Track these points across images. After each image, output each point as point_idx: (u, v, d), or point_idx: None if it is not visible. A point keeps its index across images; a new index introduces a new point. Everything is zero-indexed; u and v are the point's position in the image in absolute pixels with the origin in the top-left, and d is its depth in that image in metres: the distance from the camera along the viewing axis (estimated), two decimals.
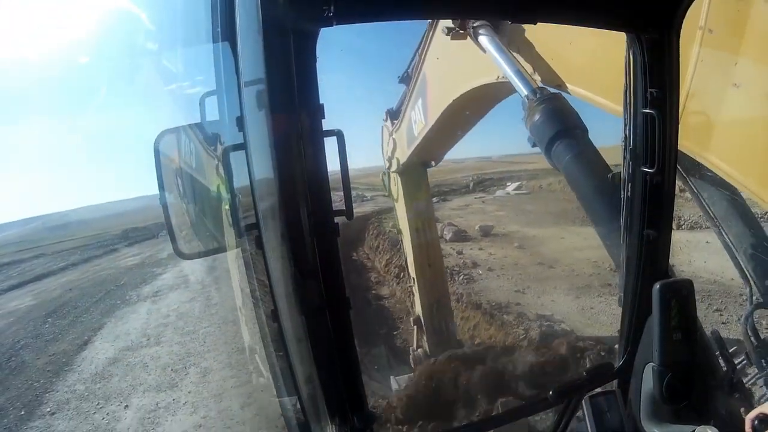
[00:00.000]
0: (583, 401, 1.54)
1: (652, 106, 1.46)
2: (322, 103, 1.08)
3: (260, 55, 1.01)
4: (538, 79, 2.69)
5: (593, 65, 2.44)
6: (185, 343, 8.58)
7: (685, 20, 1.41)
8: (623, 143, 1.59)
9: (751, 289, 2.27)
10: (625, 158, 1.58)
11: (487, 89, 3.39)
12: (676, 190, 1.63)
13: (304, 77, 1.04)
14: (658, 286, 1.46)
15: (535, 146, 2.44)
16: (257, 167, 1.15)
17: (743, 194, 2.38)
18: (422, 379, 4.98)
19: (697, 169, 2.34)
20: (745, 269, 2.29)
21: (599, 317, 7.58)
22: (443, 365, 5.01)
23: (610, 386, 1.65)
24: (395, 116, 5.15)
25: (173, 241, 1.37)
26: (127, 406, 6.55)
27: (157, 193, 1.36)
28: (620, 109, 1.59)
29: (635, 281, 1.62)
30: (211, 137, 1.38)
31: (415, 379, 5.12)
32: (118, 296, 12.88)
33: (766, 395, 2.11)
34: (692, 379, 1.50)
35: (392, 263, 11.68)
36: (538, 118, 2.35)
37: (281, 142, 1.05)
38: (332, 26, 1.04)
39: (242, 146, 1.14)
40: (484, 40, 2.90)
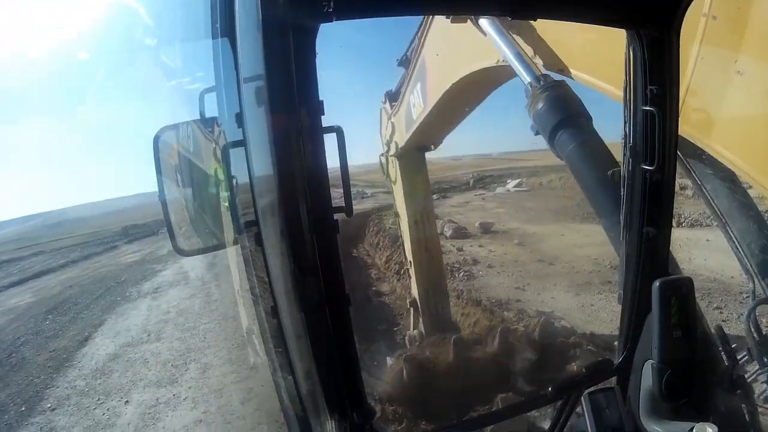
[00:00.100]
0: (582, 398, 1.55)
1: (652, 103, 1.46)
2: (321, 99, 1.08)
3: (260, 51, 1.01)
4: (539, 62, 2.63)
5: (598, 50, 2.36)
6: (185, 339, 8.59)
7: (689, 8, 1.41)
8: (623, 140, 1.59)
9: (754, 284, 2.26)
10: (624, 155, 1.58)
11: (486, 73, 3.36)
12: (676, 187, 1.63)
13: (303, 73, 1.04)
14: (657, 283, 1.46)
15: (537, 134, 2.40)
16: (257, 164, 1.15)
17: (748, 189, 2.36)
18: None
19: (701, 163, 2.32)
20: (748, 265, 2.28)
21: (599, 314, 7.59)
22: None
23: (609, 383, 1.65)
24: (394, 98, 5.10)
25: (172, 238, 1.37)
26: (127, 401, 6.56)
27: (156, 190, 1.36)
28: None
29: (635, 278, 1.62)
30: (210, 134, 1.38)
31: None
32: (118, 293, 12.88)
33: (766, 391, 2.12)
34: (692, 376, 1.50)
35: (392, 260, 11.67)
36: (541, 106, 2.32)
37: (281, 138, 1.05)
38: (332, 22, 1.04)
39: (241, 143, 1.14)
40: (484, 23, 2.86)
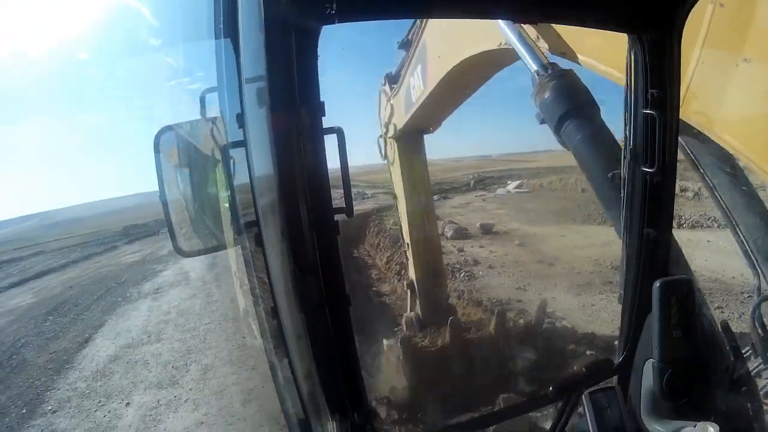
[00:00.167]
0: (583, 397, 1.55)
1: (652, 106, 1.47)
2: (322, 100, 1.08)
3: (261, 52, 1.02)
4: (543, 46, 2.55)
5: (606, 33, 2.32)
6: (186, 340, 8.57)
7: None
8: (623, 143, 1.60)
9: (759, 281, 2.25)
10: (625, 158, 1.59)
11: (488, 56, 3.29)
12: (677, 189, 1.63)
13: (305, 75, 1.05)
14: (658, 283, 1.46)
15: (543, 123, 2.34)
16: (257, 164, 1.15)
17: (755, 185, 2.34)
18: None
19: (707, 158, 2.29)
20: (754, 260, 2.26)
21: (600, 314, 7.60)
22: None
23: (609, 383, 1.65)
24: (393, 81, 5.05)
25: (173, 238, 1.38)
26: (128, 403, 6.55)
27: (156, 189, 1.36)
28: None
29: (635, 279, 1.63)
30: (211, 134, 1.38)
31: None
32: (118, 293, 12.85)
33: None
34: (692, 375, 1.51)
35: (393, 260, 11.66)
36: (548, 95, 2.26)
37: (281, 139, 1.06)
38: (334, 24, 1.05)
39: (242, 143, 1.15)
40: None
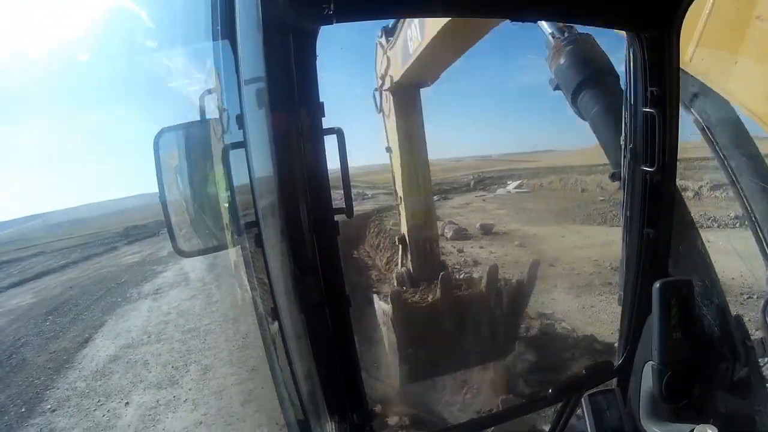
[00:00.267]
0: (582, 399, 1.55)
1: (652, 105, 1.47)
2: (322, 101, 1.08)
3: (260, 53, 1.02)
4: None
5: None
6: (186, 340, 8.55)
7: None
8: (623, 142, 1.60)
9: None
10: (625, 157, 1.59)
11: None
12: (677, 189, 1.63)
13: (304, 75, 1.05)
14: (658, 284, 1.46)
15: (557, 89, 2.20)
16: (257, 165, 1.15)
17: None
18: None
19: (725, 146, 2.18)
20: None
21: (600, 315, 7.56)
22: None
23: (609, 385, 1.65)
24: (390, 33, 4.99)
25: (173, 239, 1.38)
26: (127, 403, 6.55)
27: (157, 191, 1.37)
28: None
29: (635, 280, 1.62)
30: (210, 135, 1.38)
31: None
32: (118, 294, 12.83)
33: None
34: (692, 377, 1.51)
35: (393, 261, 11.63)
36: (563, 61, 2.12)
37: (281, 140, 1.06)
38: (332, 24, 1.05)
39: (242, 144, 1.15)
40: None
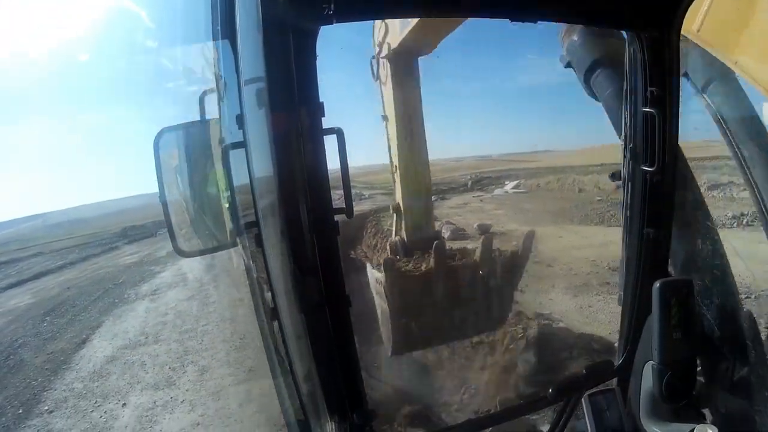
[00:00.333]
0: (582, 399, 1.55)
1: (652, 104, 1.47)
2: (322, 101, 1.08)
3: (260, 53, 1.02)
4: None
5: None
6: (183, 341, 8.56)
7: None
8: (623, 142, 1.60)
9: None
10: (625, 157, 1.59)
11: None
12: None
13: (304, 75, 1.05)
14: (658, 284, 1.46)
15: (569, 66, 2.09)
16: (257, 165, 1.15)
17: None
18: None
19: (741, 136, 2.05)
20: None
21: (597, 316, 7.55)
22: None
23: (609, 384, 1.66)
24: None
25: (173, 239, 1.38)
26: (125, 404, 6.56)
27: (155, 191, 1.37)
28: None
29: (635, 280, 1.63)
30: (210, 135, 1.38)
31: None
32: (116, 294, 12.82)
33: None
34: (692, 377, 1.51)
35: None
36: (577, 39, 2.01)
37: (281, 140, 1.06)
38: (332, 24, 1.05)
39: (242, 144, 1.15)
40: None
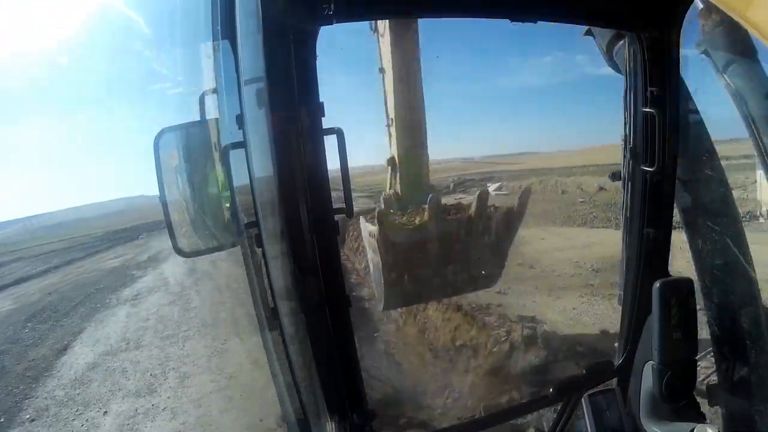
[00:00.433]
0: (582, 399, 1.57)
1: (652, 105, 1.50)
2: (322, 101, 1.10)
3: (260, 53, 1.04)
4: None
5: None
6: (164, 347, 8.54)
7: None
8: (623, 142, 1.62)
9: None
10: (625, 157, 1.62)
11: None
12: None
13: (304, 75, 1.07)
14: (658, 284, 1.48)
15: (588, 35, 2.00)
16: (257, 165, 1.17)
17: None
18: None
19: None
20: None
21: (581, 318, 7.52)
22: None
23: (609, 384, 1.68)
24: None
25: (173, 239, 1.39)
26: (106, 412, 6.54)
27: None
28: None
29: (635, 279, 1.65)
30: (211, 135, 1.39)
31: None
32: (98, 300, 12.76)
33: None
34: (692, 377, 1.53)
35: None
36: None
37: (281, 140, 1.08)
38: (332, 24, 1.07)
39: (242, 144, 1.17)
40: None
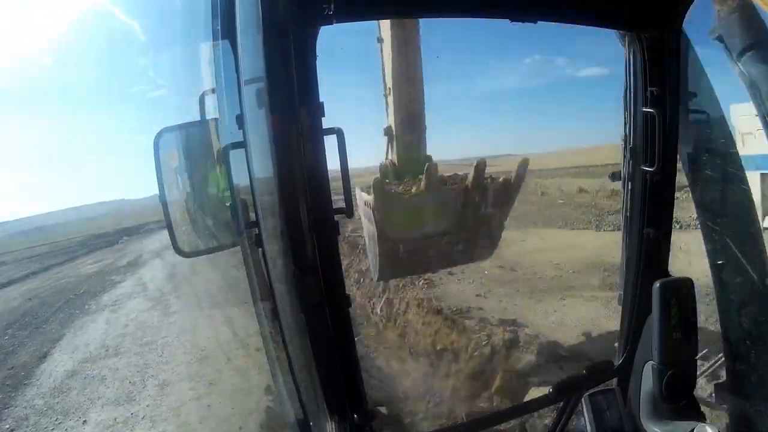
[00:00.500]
0: (582, 399, 1.59)
1: (652, 104, 1.51)
2: (322, 101, 1.11)
3: (260, 53, 1.05)
4: None
5: None
6: (143, 353, 8.56)
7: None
8: (623, 142, 1.64)
9: None
10: (625, 157, 1.63)
11: None
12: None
13: (304, 75, 1.08)
14: (657, 284, 1.50)
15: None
16: (257, 165, 1.18)
17: None
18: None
19: None
20: None
21: (563, 320, 7.49)
22: None
23: (609, 384, 1.69)
24: None
25: (173, 239, 1.40)
26: (85, 421, 6.54)
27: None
28: None
29: (635, 279, 1.66)
30: (210, 135, 1.40)
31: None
32: (77, 305, 12.75)
33: None
34: (692, 377, 1.54)
35: (351, 268, 11.32)
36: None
37: (281, 140, 1.09)
38: (332, 24, 1.08)
39: (242, 144, 1.17)
40: None
